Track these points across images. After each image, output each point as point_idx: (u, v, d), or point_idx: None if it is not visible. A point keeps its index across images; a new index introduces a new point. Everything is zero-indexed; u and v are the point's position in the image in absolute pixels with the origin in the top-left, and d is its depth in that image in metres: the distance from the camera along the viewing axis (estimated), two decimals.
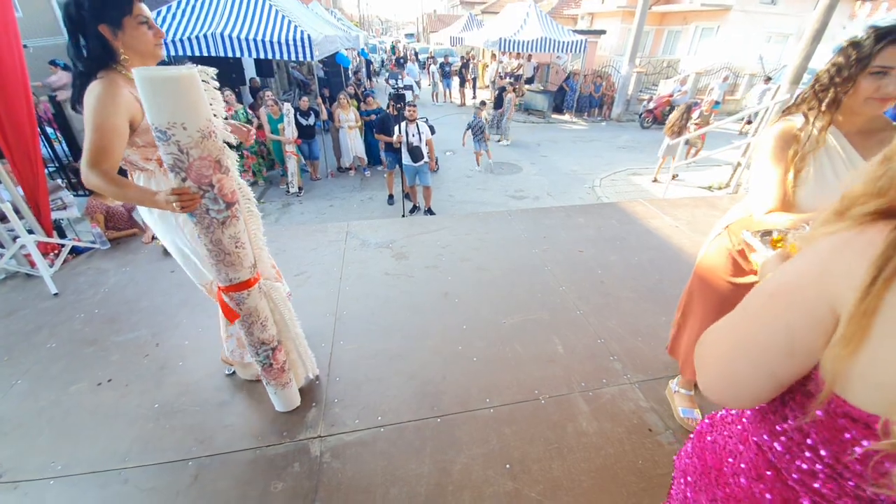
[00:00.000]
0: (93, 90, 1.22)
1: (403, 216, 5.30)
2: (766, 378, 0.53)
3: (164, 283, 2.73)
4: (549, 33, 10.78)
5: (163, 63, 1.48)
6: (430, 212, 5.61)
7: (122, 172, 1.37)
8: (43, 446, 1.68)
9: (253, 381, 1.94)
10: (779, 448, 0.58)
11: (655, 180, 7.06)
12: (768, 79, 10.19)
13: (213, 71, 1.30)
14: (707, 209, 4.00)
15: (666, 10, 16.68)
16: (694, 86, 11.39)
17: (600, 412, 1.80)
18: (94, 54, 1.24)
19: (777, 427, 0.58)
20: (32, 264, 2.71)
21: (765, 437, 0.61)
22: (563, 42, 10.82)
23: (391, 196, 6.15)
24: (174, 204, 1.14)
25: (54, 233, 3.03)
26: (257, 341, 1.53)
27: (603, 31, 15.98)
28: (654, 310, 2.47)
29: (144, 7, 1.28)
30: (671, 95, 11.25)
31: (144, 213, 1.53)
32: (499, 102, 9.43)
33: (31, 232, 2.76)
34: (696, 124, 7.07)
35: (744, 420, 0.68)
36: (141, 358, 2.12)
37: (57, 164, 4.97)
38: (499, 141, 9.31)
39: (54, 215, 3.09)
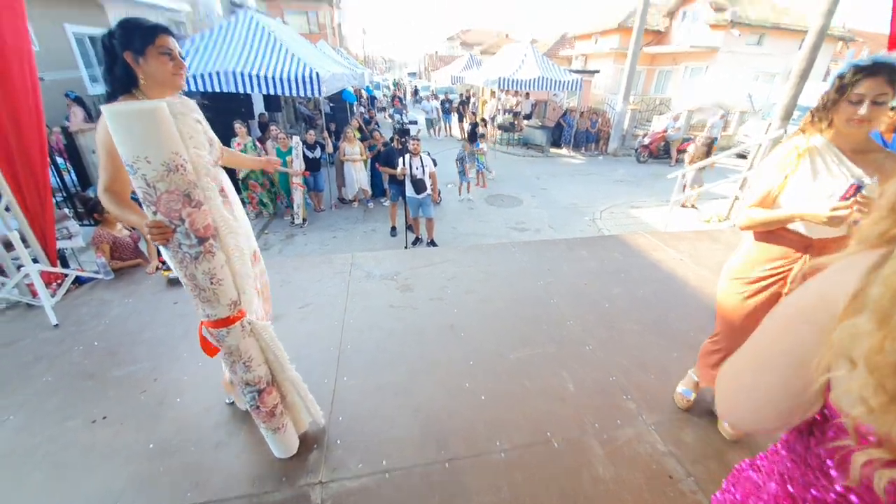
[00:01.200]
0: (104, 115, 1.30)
1: (406, 248, 5.31)
2: (780, 388, 0.53)
3: (166, 315, 2.69)
4: (546, 73, 11.25)
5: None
6: (432, 243, 5.63)
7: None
8: (36, 485, 1.60)
9: (252, 420, 1.86)
10: (797, 475, 0.58)
11: (694, 206, 7.42)
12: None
13: (192, 103, 1.34)
14: (709, 242, 4.02)
15: (656, 52, 17.53)
16: (687, 122, 11.78)
17: (616, 456, 1.73)
18: (118, 79, 1.34)
19: (798, 448, 0.59)
20: (34, 294, 2.68)
21: (788, 464, 0.61)
22: (560, 81, 11.27)
23: (394, 228, 6.19)
24: (147, 236, 1.18)
25: (58, 262, 3.02)
26: (241, 381, 1.48)
27: (597, 71, 16.71)
28: (663, 344, 2.43)
29: (171, 40, 1.36)
30: (665, 131, 11.61)
31: None
32: (472, 137, 9.31)
33: (35, 261, 2.75)
34: (696, 159, 7.36)
35: (779, 453, 0.67)
36: (138, 394, 2.06)
37: (65, 194, 5.03)
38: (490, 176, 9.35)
39: (59, 244, 3.08)
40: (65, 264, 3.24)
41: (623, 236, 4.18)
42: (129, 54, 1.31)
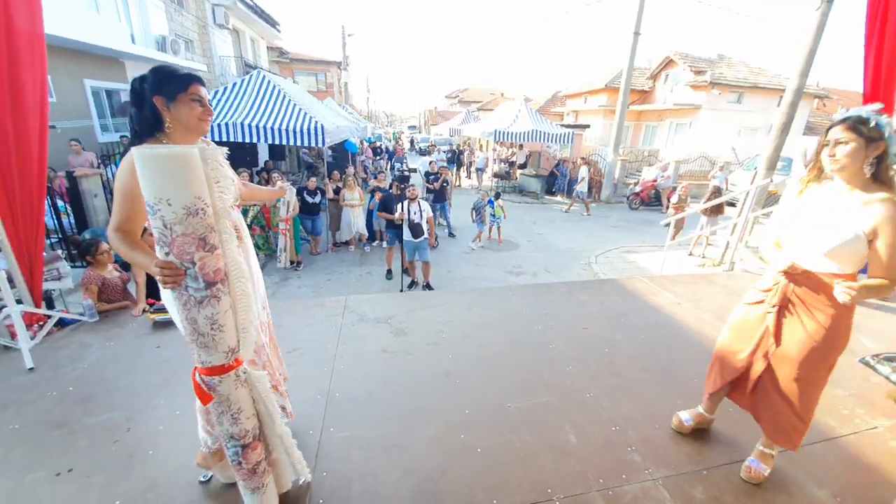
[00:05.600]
0: (128, 157, 1.28)
1: (402, 291, 5.26)
2: None
3: (148, 360, 2.58)
4: (539, 126, 11.87)
5: None
6: (428, 287, 5.58)
7: None
8: None
9: (227, 483, 1.71)
10: None
11: (703, 255, 7.26)
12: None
13: (223, 151, 1.37)
14: (706, 286, 4.00)
15: (642, 109, 18.62)
16: (675, 172, 12.25)
17: None
18: (145, 120, 1.35)
19: None
20: (13, 335, 2.58)
21: None
22: (552, 134, 11.85)
23: (390, 271, 6.17)
24: (157, 277, 1.16)
25: (42, 303, 2.94)
26: (225, 433, 1.38)
27: (587, 126, 17.60)
28: (670, 392, 2.32)
29: (202, 89, 1.40)
30: (655, 180, 12.03)
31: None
32: (440, 194, 8.20)
33: (19, 301, 2.68)
34: (675, 207, 7.53)
35: None
36: (109, 444, 1.91)
37: (60, 236, 5.04)
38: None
39: (47, 286, 3.02)
40: (50, 305, 3.15)
41: (621, 280, 4.16)
42: (159, 99, 1.33)
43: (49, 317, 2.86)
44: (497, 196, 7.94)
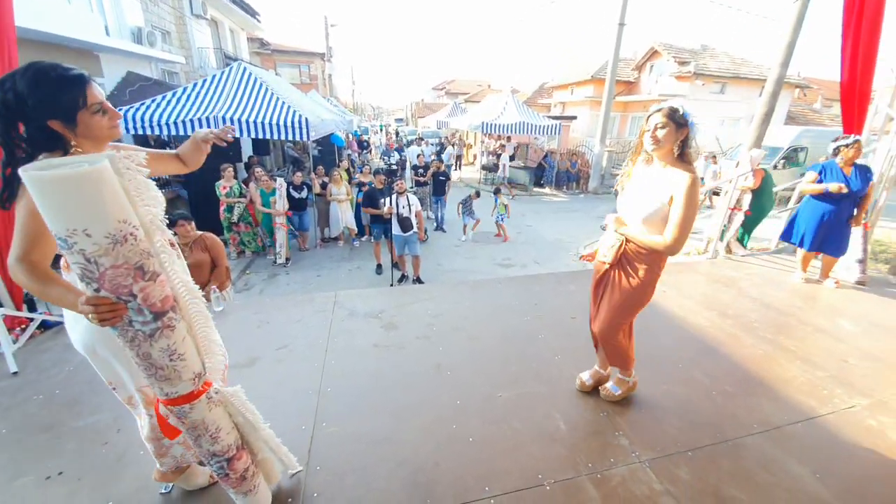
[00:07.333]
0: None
1: (392, 285, 5.26)
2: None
3: None
4: (527, 118, 11.88)
5: (161, 143, 1.45)
6: (418, 281, 5.60)
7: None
8: None
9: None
10: None
11: None
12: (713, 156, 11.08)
13: (141, 155, 1.16)
14: (690, 274, 4.09)
15: (628, 100, 18.78)
16: None
17: (611, 498, 1.64)
18: (36, 143, 1.08)
19: None
20: None
21: None
22: (539, 125, 11.88)
23: (379, 265, 6.16)
24: (90, 316, 0.97)
25: (24, 306, 2.88)
26: (206, 454, 1.31)
27: (574, 117, 17.72)
28: (654, 378, 2.39)
29: (97, 91, 1.13)
30: None
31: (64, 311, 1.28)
32: (439, 188, 8.20)
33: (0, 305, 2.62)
34: None
35: None
36: (99, 446, 1.90)
37: None
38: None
39: None
40: (32, 308, 3.08)
41: None
42: (56, 124, 1.07)
43: (31, 319, 2.80)
44: (497, 191, 7.77)
